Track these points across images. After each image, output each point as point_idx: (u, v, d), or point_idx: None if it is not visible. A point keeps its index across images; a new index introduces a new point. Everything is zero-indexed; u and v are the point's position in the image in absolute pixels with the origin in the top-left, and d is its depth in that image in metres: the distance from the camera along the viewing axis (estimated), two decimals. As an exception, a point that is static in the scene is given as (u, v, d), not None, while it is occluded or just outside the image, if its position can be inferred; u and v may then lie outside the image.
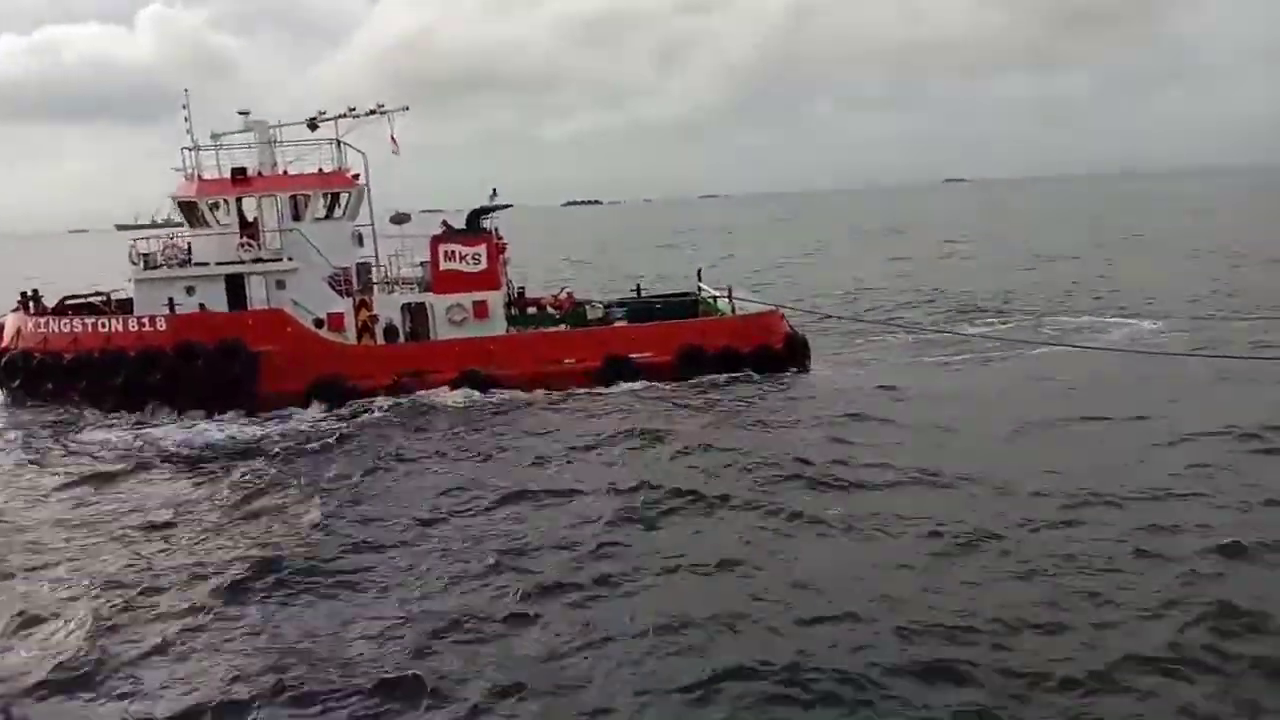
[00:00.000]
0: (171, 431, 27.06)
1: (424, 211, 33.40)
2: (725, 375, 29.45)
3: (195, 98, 30.66)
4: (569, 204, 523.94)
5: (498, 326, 30.61)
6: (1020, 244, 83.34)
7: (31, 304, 31.72)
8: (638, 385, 28.94)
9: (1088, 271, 56.80)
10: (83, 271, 62.02)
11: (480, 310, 30.36)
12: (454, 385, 28.81)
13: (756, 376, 29.45)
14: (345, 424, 26.86)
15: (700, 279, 35.99)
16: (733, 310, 31.97)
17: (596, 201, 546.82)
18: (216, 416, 28.01)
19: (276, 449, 24.85)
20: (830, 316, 39.29)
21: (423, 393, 28.52)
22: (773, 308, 32.76)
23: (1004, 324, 38.19)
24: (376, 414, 27.58)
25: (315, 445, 24.95)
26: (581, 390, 28.72)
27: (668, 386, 28.76)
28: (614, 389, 28.87)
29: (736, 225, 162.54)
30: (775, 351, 30.31)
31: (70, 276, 57.40)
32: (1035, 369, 29.92)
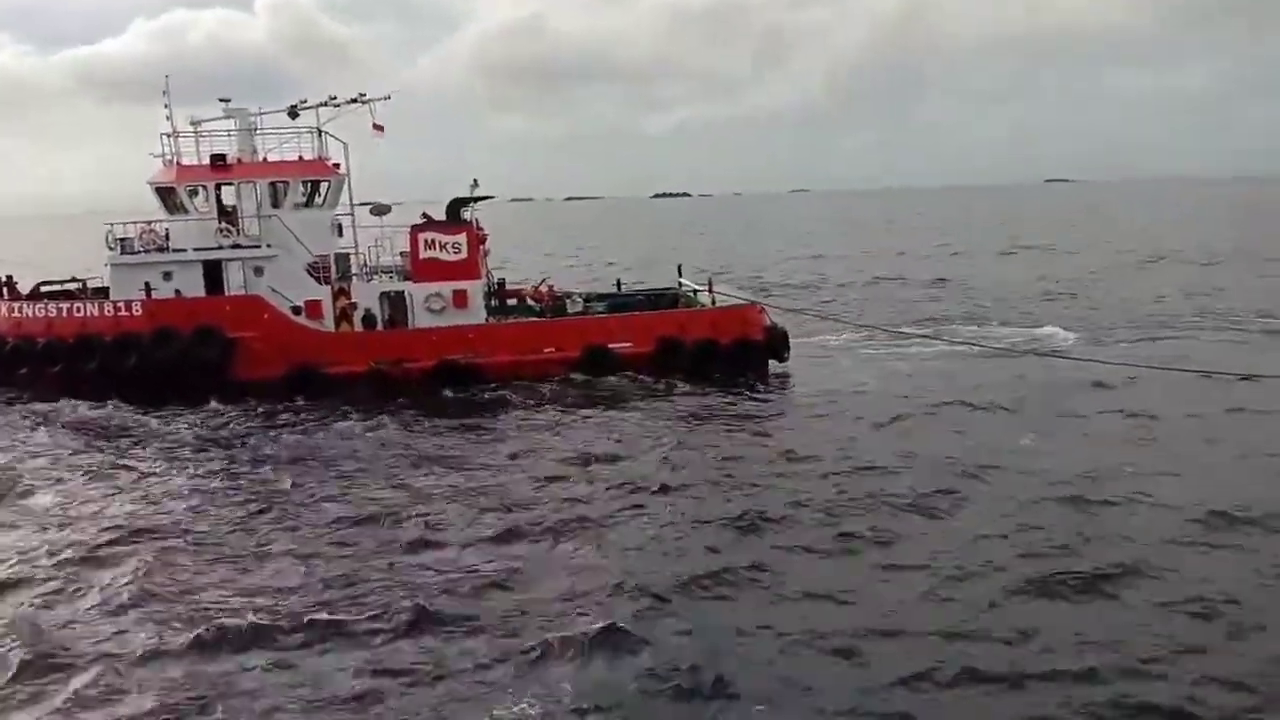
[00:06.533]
0: (146, 420, 26.71)
1: (512, 200, 33.11)
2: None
3: (310, 86, 30.59)
4: (658, 196, 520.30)
5: (477, 316, 30.51)
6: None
7: (5, 290, 31.45)
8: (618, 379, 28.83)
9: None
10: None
11: (459, 299, 30.27)
12: (432, 373, 28.74)
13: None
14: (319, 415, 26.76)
15: (680, 274, 36.02)
16: (713, 303, 32.01)
17: (686, 194, 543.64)
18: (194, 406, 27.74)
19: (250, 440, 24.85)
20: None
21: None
22: (751, 301, 32.83)
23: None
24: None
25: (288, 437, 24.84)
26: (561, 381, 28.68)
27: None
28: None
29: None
30: (754, 343, 30.35)
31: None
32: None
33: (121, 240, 30.43)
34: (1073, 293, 48.48)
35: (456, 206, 31.55)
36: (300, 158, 31.26)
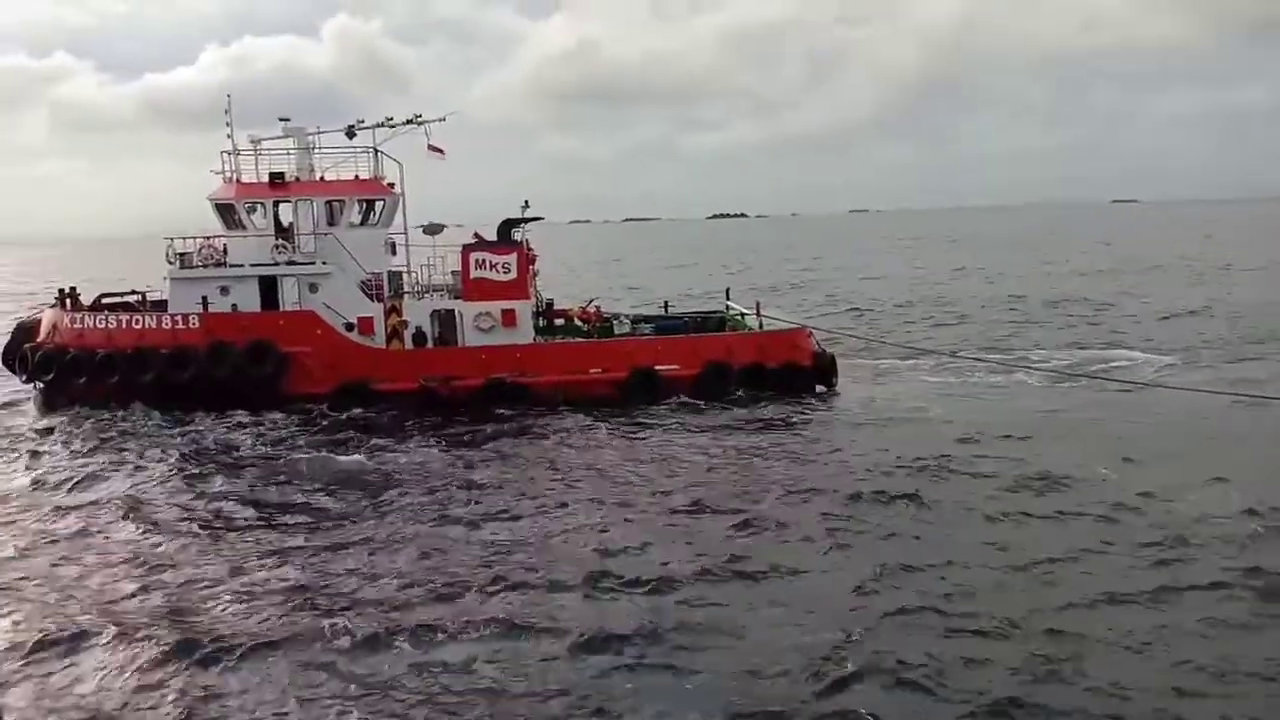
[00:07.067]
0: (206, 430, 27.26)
1: (571, 222, 33.64)
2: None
3: (372, 108, 31.35)
4: (714, 216, 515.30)
5: (525, 335, 30.74)
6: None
7: (68, 301, 32.23)
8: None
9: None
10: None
11: (508, 319, 30.51)
12: (480, 392, 28.97)
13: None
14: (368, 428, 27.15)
15: (728, 297, 36.04)
16: (760, 327, 31.96)
17: (743, 215, 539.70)
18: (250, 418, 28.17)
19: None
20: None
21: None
22: (800, 325, 32.73)
23: None
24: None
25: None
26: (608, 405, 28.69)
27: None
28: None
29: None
30: (802, 368, 30.24)
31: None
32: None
33: (181, 255, 31.11)
34: (1168, 313, 48.15)
35: (507, 227, 31.89)
36: (356, 177, 31.82)
